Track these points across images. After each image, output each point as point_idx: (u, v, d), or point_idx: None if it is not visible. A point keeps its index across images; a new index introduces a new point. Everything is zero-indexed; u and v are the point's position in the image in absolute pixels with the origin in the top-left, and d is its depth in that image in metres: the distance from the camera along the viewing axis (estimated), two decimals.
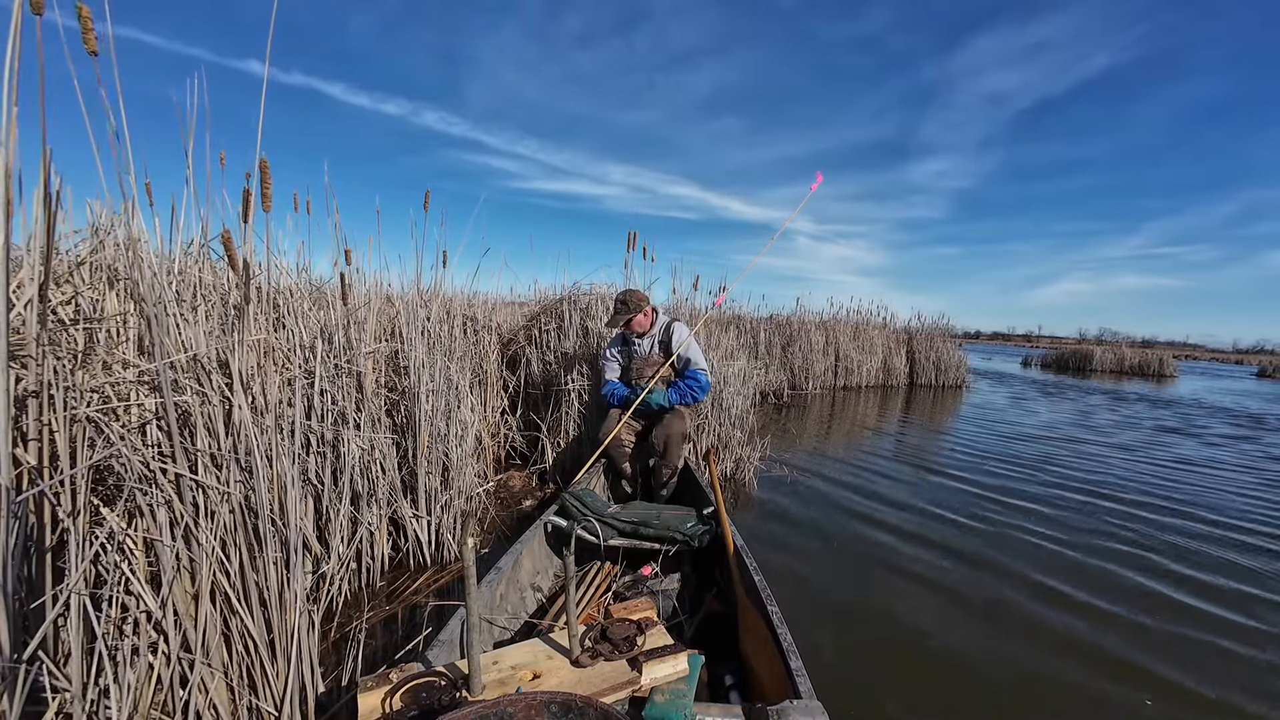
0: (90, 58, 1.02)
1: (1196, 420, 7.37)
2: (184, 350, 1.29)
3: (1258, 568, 2.54)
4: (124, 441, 1.13)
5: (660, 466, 2.70)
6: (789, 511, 3.07)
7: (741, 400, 3.92)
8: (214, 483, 1.23)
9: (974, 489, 3.59)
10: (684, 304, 4.52)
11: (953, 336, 10.97)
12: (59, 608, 1.00)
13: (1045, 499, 3.42)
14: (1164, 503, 3.48)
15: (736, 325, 7.56)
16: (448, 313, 2.68)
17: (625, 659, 1.12)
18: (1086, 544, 2.73)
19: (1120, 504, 3.38)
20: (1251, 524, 3.12)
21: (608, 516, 2.07)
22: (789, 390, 8.26)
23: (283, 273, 2.13)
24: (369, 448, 2.05)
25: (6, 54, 0.86)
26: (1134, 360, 16.97)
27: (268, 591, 1.28)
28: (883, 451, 4.69)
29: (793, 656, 1.23)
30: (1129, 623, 2.03)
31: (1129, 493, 3.66)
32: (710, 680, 1.45)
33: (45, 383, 1.03)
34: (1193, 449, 5.36)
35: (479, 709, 0.86)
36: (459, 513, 2.41)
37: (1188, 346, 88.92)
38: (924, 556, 2.51)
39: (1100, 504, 3.37)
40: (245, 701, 1.24)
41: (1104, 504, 3.37)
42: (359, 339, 2.12)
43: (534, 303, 4.72)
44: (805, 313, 9.33)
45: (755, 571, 1.64)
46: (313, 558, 1.85)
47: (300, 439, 1.60)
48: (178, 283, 1.50)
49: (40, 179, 1.00)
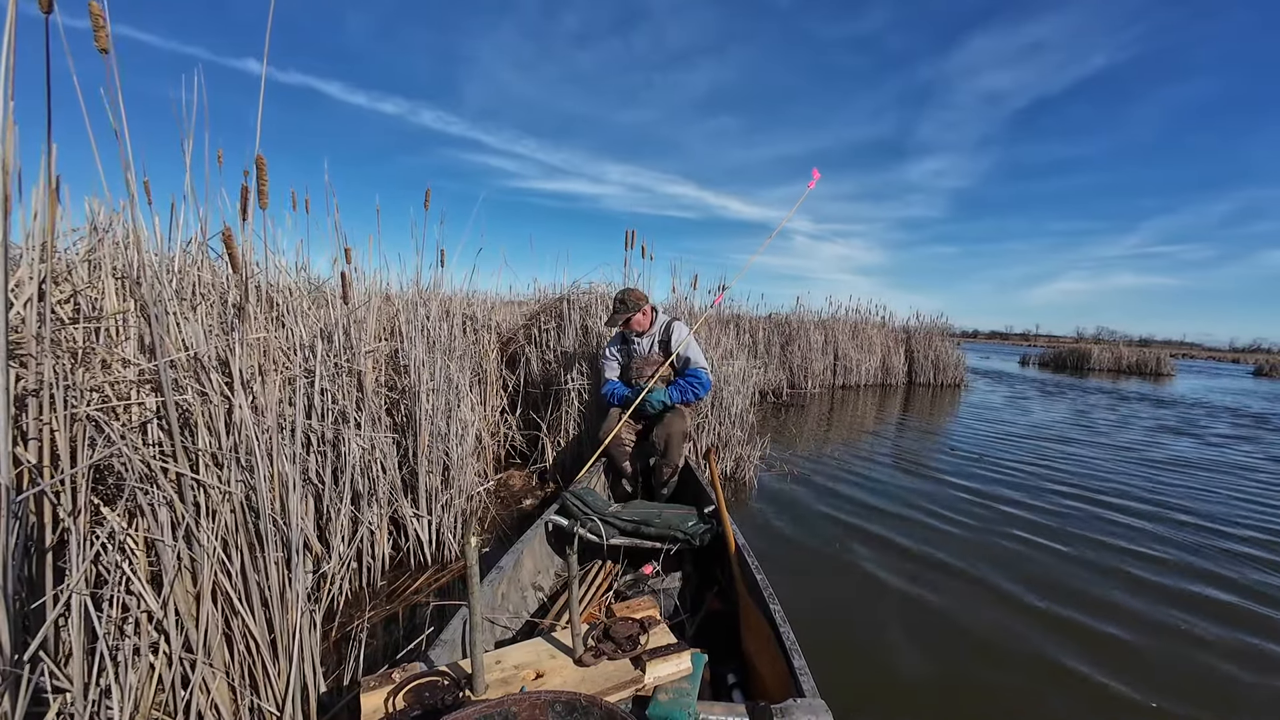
0: (87, 55, 1.01)
1: (1199, 421, 7.37)
2: (184, 349, 1.28)
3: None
4: (124, 441, 1.12)
5: (661, 465, 2.70)
6: (790, 509, 3.07)
7: (741, 399, 3.92)
8: (215, 482, 1.23)
9: (972, 487, 3.59)
10: (683, 303, 4.52)
11: (951, 335, 10.98)
12: (60, 608, 1.00)
13: (1038, 496, 3.43)
14: (1170, 510, 3.48)
15: (736, 324, 7.56)
16: (447, 311, 2.68)
17: (628, 658, 1.12)
18: (1090, 543, 2.74)
19: (1112, 503, 3.40)
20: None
21: (609, 515, 2.07)
22: (788, 389, 8.27)
23: (282, 271, 2.12)
24: (369, 447, 2.04)
25: (2, 50, 0.85)
26: (1131, 359, 17.02)
27: (269, 591, 1.28)
28: (881, 450, 4.69)
29: (796, 655, 1.23)
30: (1140, 628, 2.04)
31: (1127, 495, 3.67)
32: (713, 679, 1.44)
33: (45, 381, 1.03)
34: (1205, 451, 5.37)
35: (483, 708, 0.85)
36: (459, 512, 2.41)
37: (1184, 345, 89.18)
38: (927, 553, 2.52)
39: (1097, 503, 3.38)
40: (247, 701, 1.24)
41: (1102, 500, 3.38)
42: (359, 338, 2.11)
43: (533, 302, 4.72)
44: (804, 312, 9.34)
45: (757, 570, 1.64)
46: (314, 557, 1.85)
47: (301, 438, 1.60)
48: (177, 281, 1.50)
49: (41, 177, 1.00)
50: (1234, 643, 1.92)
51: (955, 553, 2.55)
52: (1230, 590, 2.30)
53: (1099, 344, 19.64)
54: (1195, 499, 3.57)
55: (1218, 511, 3.31)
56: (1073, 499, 3.43)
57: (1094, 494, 3.55)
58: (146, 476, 1.14)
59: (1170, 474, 4.22)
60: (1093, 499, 3.44)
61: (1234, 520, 3.16)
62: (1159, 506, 3.36)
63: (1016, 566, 2.43)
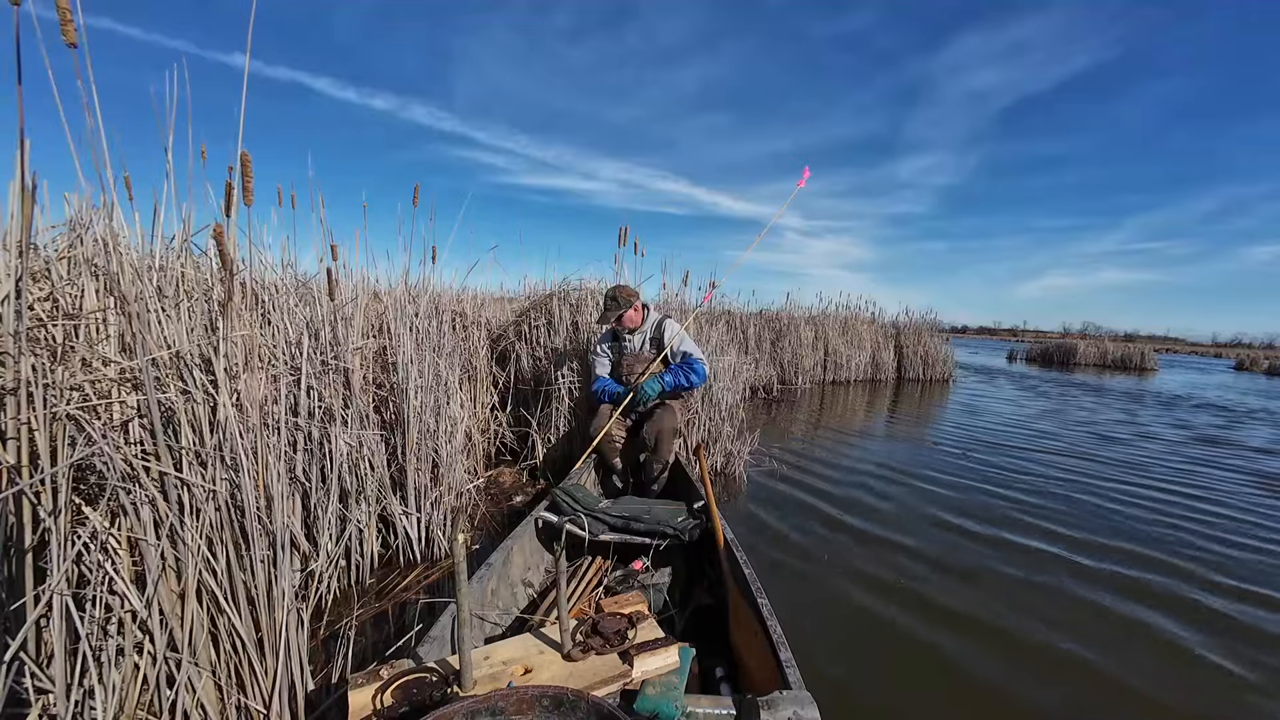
0: (67, 49, 0.99)
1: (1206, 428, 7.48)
2: (166, 347, 1.27)
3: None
4: (106, 440, 1.11)
5: (651, 461, 2.71)
6: (778, 505, 3.10)
7: (731, 395, 3.94)
8: (199, 481, 1.22)
9: (963, 481, 3.64)
10: (674, 299, 4.52)
11: (940, 331, 11.07)
12: (41, 608, 0.99)
13: (1030, 491, 3.49)
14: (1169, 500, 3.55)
15: (726, 320, 7.58)
16: (436, 308, 2.66)
17: (616, 652, 1.12)
18: (1087, 527, 2.79)
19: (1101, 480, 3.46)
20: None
21: (598, 512, 2.08)
22: (779, 385, 8.30)
23: (268, 268, 2.10)
24: (357, 444, 2.03)
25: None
26: (1116, 354, 17.27)
27: (255, 590, 1.27)
28: (869, 446, 4.73)
29: (782, 648, 1.25)
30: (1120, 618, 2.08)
31: (1116, 488, 3.73)
32: (701, 672, 1.46)
33: (24, 380, 1.01)
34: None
35: (471, 704, 0.86)
36: (449, 509, 2.40)
37: (1168, 340, 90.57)
38: (912, 548, 2.55)
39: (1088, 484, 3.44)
40: (234, 700, 1.23)
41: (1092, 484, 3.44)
42: (346, 335, 2.10)
43: (523, 298, 4.70)
44: (795, 308, 9.38)
45: (745, 565, 1.66)
46: (301, 555, 1.84)
47: (287, 436, 1.58)
48: (159, 278, 1.48)
49: (16, 170, 0.98)
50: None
51: (944, 547, 2.58)
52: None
53: (1085, 339, 19.88)
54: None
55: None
56: (1049, 492, 3.48)
57: (1073, 483, 3.61)
58: (129, 475, 1.13)
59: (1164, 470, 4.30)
60: (1071, 487, 3.50)
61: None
62: (1159, 507, 3.43)
63: (1006, 561, 2.47)
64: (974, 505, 3.16)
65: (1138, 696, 1.62)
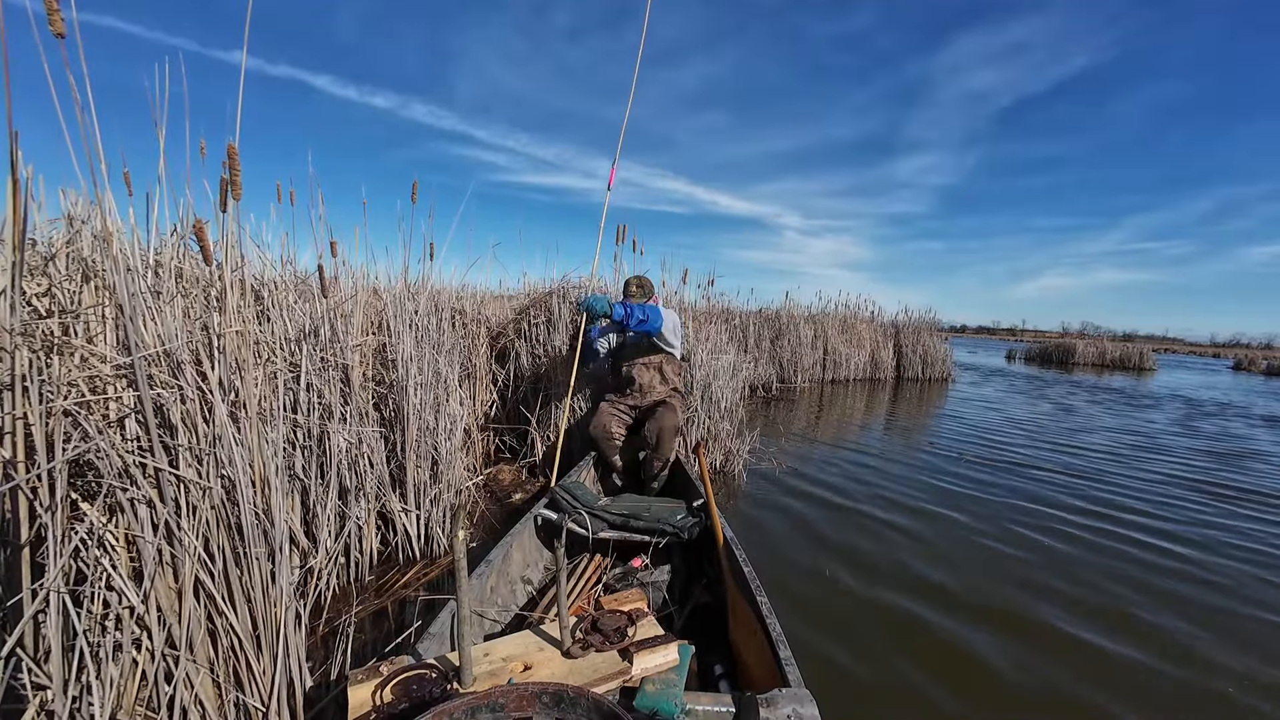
0: (60, 43, 0.98)
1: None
2: (162, 343, 1.26)
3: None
4: (102, 436, 1.10)
5: (652, 459, 2.71)
6: (777, 502, 3.09)
7: (730, 393, 3.94)
8: (195, 478, 1.21)
9: (959, 481, 3.64)
10: (673, 297, 4.52)
11: (939, 331, 11.07)
12: (38, 604, 0.98)
13: (1027, 491, 3.49)
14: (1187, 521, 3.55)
15: (726, 319, 7.57)
16: (436, 306, 2.65)
17: (616, 650, 1.12)
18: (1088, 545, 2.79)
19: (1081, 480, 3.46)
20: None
21: (598, 509, 2.08)
22: (778, 384, 8.30)
23: (266, 264, 2.09)
24: (356, 441, 2.02)
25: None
26: (1115, 354, 17.28)
27: (252, 587, 1.27)
28: (869, 443, 4.73)
29: (781, 646, 1.25)
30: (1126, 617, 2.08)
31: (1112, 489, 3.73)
32: (700, 670, 1.46)
33: (19, 375, 1.01)
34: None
35: (470, 700, 0.85)
36: (448, 506, 2.40)
37: (1167, 340, 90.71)
38: (911, 546, 2.55)
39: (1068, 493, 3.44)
40: (232, 697, 1.23)
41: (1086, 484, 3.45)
42: (345, 332, 2.09)
43: (523, 296, 4.68)
44: (794, 307, 9.36)
45: (744, 563, 1.65)
46: (300, 552, 1.83)
47: (285, 433, 1.58)
48: (153, 274, 1.47)
49: (8, 163, 0.97)
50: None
51: (942, 543, 2.58)
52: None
53: (1084, 339, 19.89)
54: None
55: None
56: (1046, 495, 3.49)
57: (1064, 483, 3.62)
58: (125, 472, 1.13)
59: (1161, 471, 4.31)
60: (1063, 488, 3.50)
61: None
62: (1156, 505, 3.43)
63: (1006, 560, 2.47)
64: (973, 502, 3.16)
65: (1146, 676, 1.64)
